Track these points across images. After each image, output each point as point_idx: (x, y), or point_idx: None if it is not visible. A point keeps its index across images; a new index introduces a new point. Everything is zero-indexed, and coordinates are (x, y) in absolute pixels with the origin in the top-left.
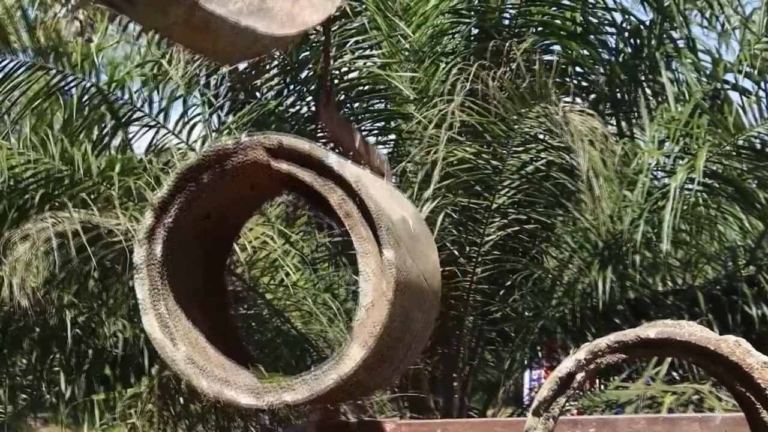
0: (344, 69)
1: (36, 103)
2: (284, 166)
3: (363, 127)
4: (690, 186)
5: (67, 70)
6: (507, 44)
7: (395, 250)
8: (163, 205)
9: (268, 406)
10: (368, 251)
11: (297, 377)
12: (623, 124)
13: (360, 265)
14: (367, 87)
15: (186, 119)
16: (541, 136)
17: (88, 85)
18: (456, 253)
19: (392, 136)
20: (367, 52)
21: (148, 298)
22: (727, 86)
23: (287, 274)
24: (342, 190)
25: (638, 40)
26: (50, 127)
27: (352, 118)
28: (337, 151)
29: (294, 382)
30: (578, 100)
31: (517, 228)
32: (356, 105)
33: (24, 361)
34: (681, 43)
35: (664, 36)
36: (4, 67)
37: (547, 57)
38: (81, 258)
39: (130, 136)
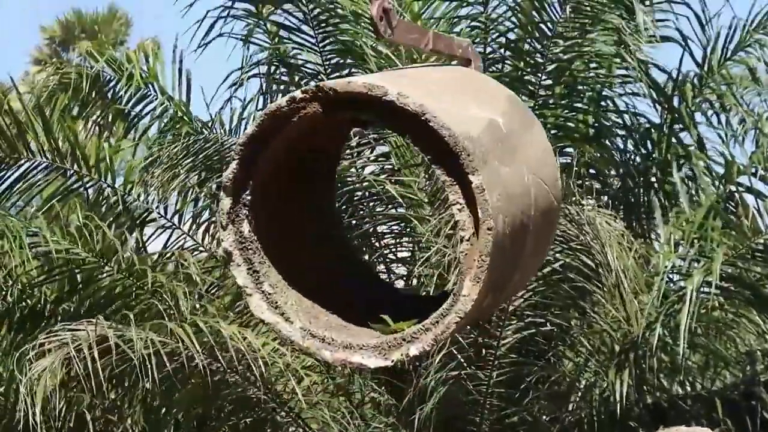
0: (360, 172)
1: (51, 202)
2: (347, 114)
3: (380, 230)
4: (706, 289)
5: (84, 171)
6: None
7: (482, 172)
8: (235, 182)
9: (396, 362)
10: (453, 181)
11: (419, 325)
12: (636, 225)
13: (450, 197)
14: (382, 190)
15: (200, 221)
16: (558, 238)
17: (104, 186)
18: (472, 356)
19: (408, 239)
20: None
21: (250, 281)
22: (741, 188)
23: (301, 380)
24: (411, 123)
25: (650, 142)
26: (62, 229)
27: (367, 220)
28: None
29: (417, 331)
30: (592, 201)
31: (533, 330)
32: (372, 207)
33: None
34: (692, 146)
35: (674, 139)
36: (21, 167)
37: (561, 159)
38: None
39: (146, 237)
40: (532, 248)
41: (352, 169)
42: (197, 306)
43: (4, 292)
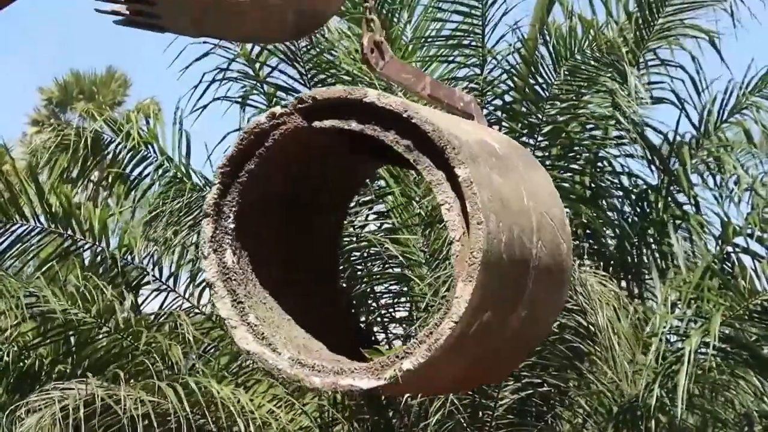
0: (358, 230)
1: (47, 266)
2: (327, 122)
3: (378, 290)
4: (704, 350)
5: (78, 234)
6: None
7: (469, 166)
8: (216, 208)
9: (390, 380)
10: (440, 179)
11: (412, 341)
12: (633, 286)
13: (437, 198)
14: (380, 248)
15: (196, 283)
16: None
17: (99, 249)
18: (470, 417)
19: (406, 299)
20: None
21: (234, 313)
22: (738, 249)
23: None
24: (394, 126)
25: (646, 203)
26: (62, 289)
27: (365, 280)
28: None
29: (410, 346)
30: (588, 262)
31: (530, 391)
32: (370, 266)
33: None
34: (688, 207)
35: (671, 199)
36: (15, 231)
37: None
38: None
39: (143, 298)
40: (541, 286)
41: (350, 228)
42: (194, 366)
43: (0, 353)
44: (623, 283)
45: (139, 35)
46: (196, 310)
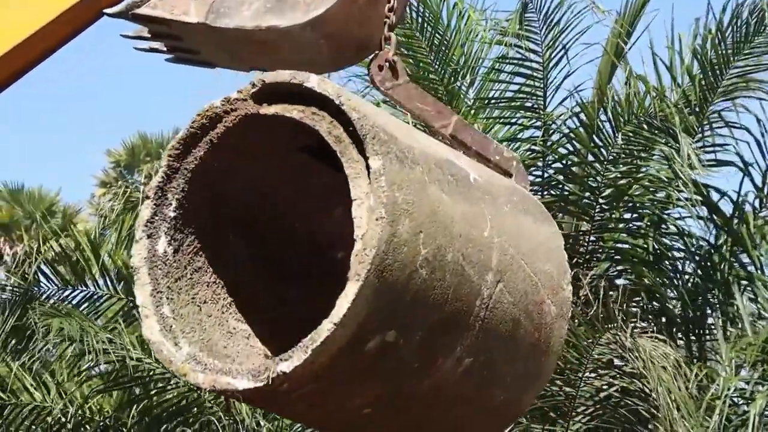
0: None
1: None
2: (272, 108)
3: None
4: None
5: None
6: (574, 271)
7: (386, 160)
8: (160, 192)
9: (265, 383)
10: (359, 173)
11: (298, 344)
12: (696, 348)
13: (352, 191)
14: None
15: None
16: (616, 363)
17: None
18: None
19: None
20: None
21: (149, 301)
22: None
23: None
24: (331, 116)
25: (709, 263)
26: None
27: None
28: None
29: (294, 349)
30: (649, 324)
31: None
32: None
33: None
34: (752, 268)
35: (734, 260)
36: (80, 295)
37: (619, 281)
38: None
39: None
40: (499, 337)
41: None
42: (259, 423)
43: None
44: (686, 343)
45: (206, 95)
46: None
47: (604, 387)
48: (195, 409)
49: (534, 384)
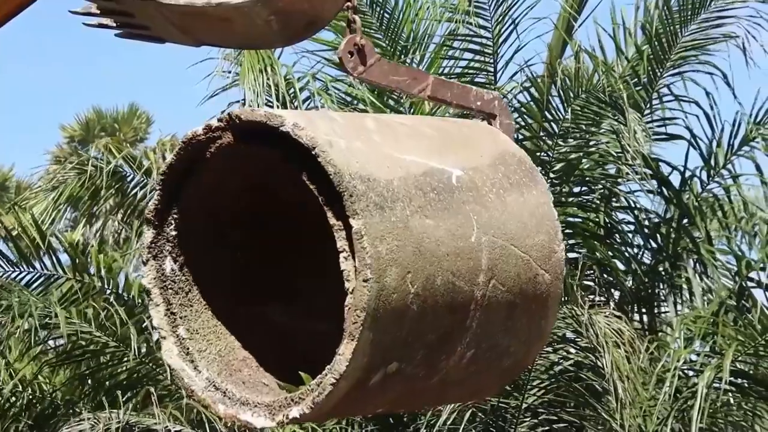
0: None
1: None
2: (253, 147)
3: None
4: (718, 385)
5: (86, 279)
6: None
7: (365, 217)
8: (158, 215)
9: (279, 423)
10: (340, 226)
11: (307, 386)
12: (649, 320)
13: (338, 244)
14: None
15: None
16: (569, 337)
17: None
18: None
19: None
20: None
21: (165, 323)
22: (752, 284)
23: None
24: (310, 161)
25: (660, 237)
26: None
27: None
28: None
29: (305, 392)
30: (603, 297)
31: (547, 428)
32: None
33: None
34: (701, 239)
35: (683, 233)
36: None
37: (571, 255)
38: None
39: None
40: (496, 321)
41: None
42: None
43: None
44: (642, 318)
45: (162, 72)
46: None
47: (560, 360)
48: (146, 380)
49: (537, 342)
